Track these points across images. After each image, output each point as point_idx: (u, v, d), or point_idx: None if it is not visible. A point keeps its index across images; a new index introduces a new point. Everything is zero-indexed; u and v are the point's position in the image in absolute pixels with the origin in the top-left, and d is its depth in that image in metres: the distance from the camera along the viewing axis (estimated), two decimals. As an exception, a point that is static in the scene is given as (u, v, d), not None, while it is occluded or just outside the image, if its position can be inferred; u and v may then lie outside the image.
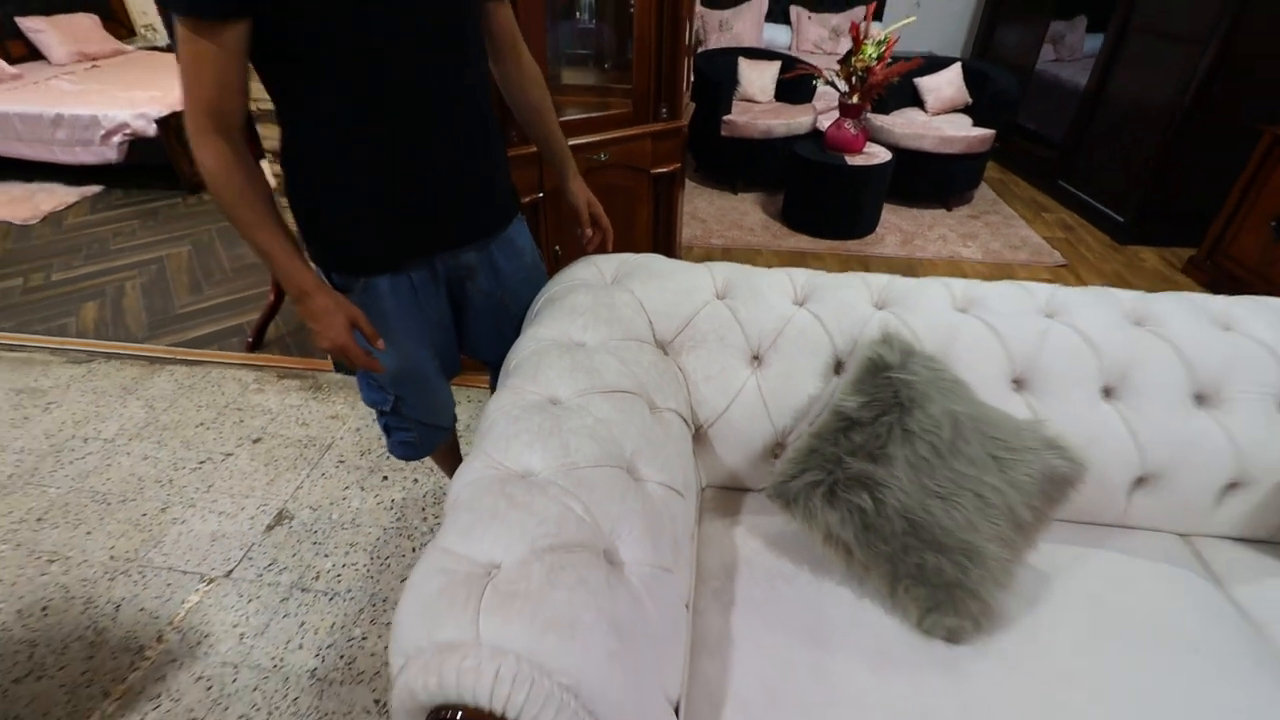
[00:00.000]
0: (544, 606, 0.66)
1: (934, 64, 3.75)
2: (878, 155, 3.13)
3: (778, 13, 5.19)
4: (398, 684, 0.66)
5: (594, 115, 1.99)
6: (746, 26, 4.94)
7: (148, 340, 2.42)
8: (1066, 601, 0.96)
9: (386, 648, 1.30)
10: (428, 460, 1.71)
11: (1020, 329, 1.08)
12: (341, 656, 1.37)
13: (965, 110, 3.64)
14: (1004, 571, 0.88)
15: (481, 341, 1.26)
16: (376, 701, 1.29)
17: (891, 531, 0.89)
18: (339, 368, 1.77)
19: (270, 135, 1.90)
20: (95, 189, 3.72)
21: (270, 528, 1.66)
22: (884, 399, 0.92)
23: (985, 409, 0.95)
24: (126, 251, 3.06)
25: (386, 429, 1.32)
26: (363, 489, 1.78)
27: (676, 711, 0.78)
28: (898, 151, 3.29)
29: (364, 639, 1.40)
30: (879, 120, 3.52)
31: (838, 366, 1.10)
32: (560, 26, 2.34)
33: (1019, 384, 1.07)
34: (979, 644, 0.89)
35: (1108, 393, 1.06)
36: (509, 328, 1.19)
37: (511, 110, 1.19)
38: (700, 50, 4.25)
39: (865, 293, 1.15)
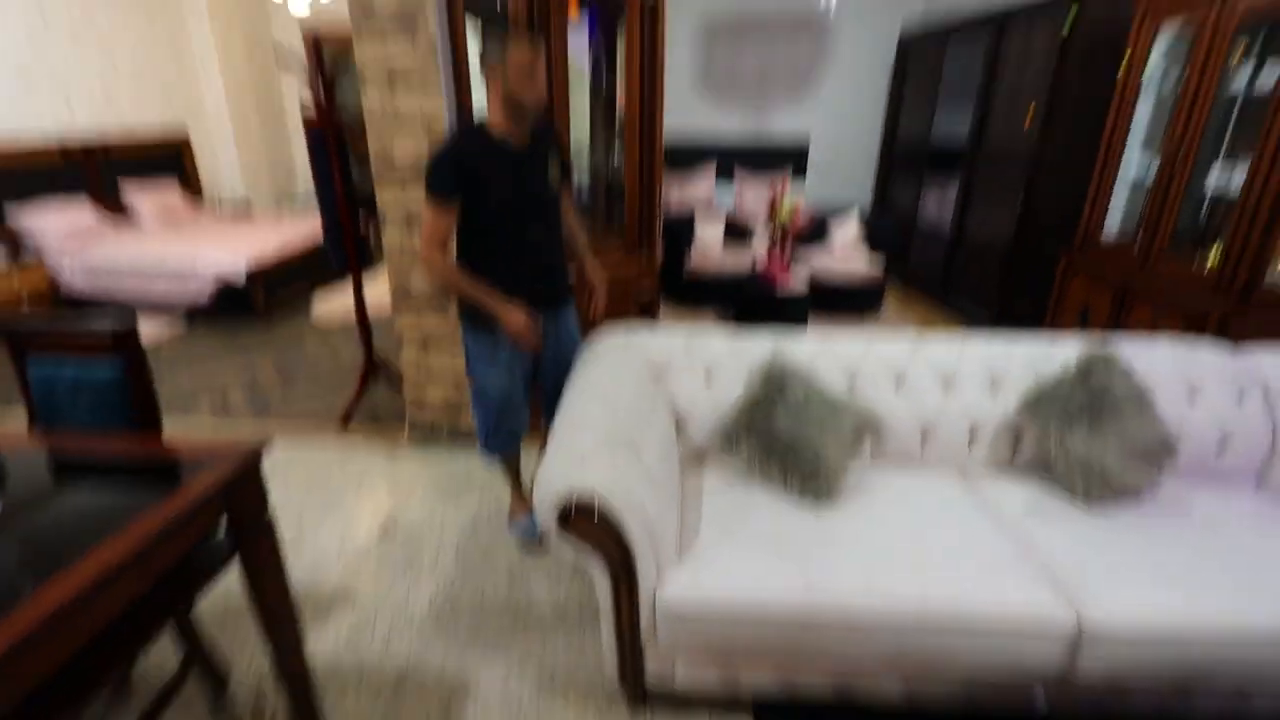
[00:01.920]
0: (613, 463, 1.46)
1: (841, 213, 5.01)
2: (799, 286, 4.21)
3: (725, 171, 6.60)
4: (545, 494, 1.43)
5: (597, 252, 2.99)
6: (700, 187, 6.31)
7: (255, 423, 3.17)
8: (885, 489, 1.78)
9: (471, 603, 2.00)
10: (486, 489, 2.47)
11: (850, 353, 1.97)
12: (446, 601, 2.04)
13: (862, 248, 4.84)
14: (839, 463, 1.70)
15: (547, 376, 2.11)
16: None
17: (779, 446, 1.71)
18: (412, 437, 2.60)
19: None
20: (180, 322, 4.58)
21: (381, 536, 2.36)
22: (771, 383, 1.79)
23: (824, 390, 1.82)
24: (221, 369, 3.85)
25: (486, 437, 2.12)
26: (443, 506, 2.50)
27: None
28: (817, 279, 4.40)
29: (458, 594, 2.08)
30: (801, 254, 4.68)
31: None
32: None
33: (851, 384, 1.95)
34: (831, 504, 1.69)
35: (898, 386, 1.94)
36: (565, 369, 2.04)
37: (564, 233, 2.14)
38: (668, 214, 5.52)
39: (766, 346, 2.04)
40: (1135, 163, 3.40)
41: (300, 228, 5.29)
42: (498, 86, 1.77)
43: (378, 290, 3.33)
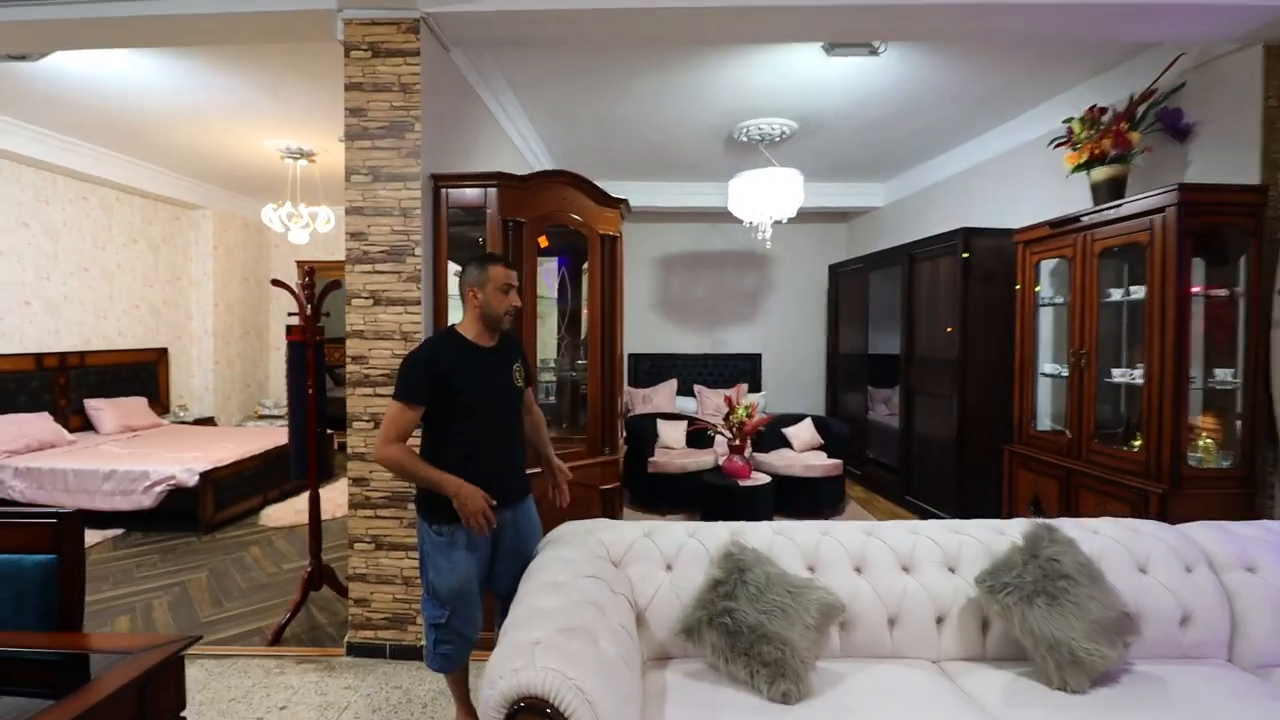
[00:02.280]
0: (564, 653, 1.39)
1: (796, 419, 5.29)
2: (761, 479, 4.29)
3: (686, 389, 7.03)
4: (491, 694, 1.33)
5: (562, 452, 3.07)
6: (663, 399, 6.66)
7: (178, 643, 2.86)
8: (859, 684, 1.67)
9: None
10: (428, 708, 2.22)
11: (808, 539, 1.99)
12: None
13: (820, 448, 5.04)
14: (808, 653, 1.62)
15: (502, 574, 2.03)
16: None
17: (744, 637, 1.64)
18: (350, 650, 2.42)
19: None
20: (116, 531, 4.32)
21: (302, 766, 2.05)
22: (731, 568, 1.77)
23: (785, 573, 1.80)
24: (151, 578, 3.58)
25: (434, 643, 1.97)
26: (376, 735, 2.21)
27: (634, 734, 1.41)
28: (778, 478, 4.50)
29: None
30: (762, 457, 4.83)
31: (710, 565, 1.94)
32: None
33: (811, 569, 1.93)
34: (802, 702, 1.57)
35: (858, 570, 1.93)
36: (522, 565, 1.98)
37: (527, 430, 2.21)
38: (630, 414, 5.75)
39: (725, 533, 2.05)
40: (1050, 362, 3.78)
41: (260, 439, 5.29)
42: (475, 300, 2.00)
43: (331, 498, 3.28)
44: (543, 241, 3.01)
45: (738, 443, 4.23)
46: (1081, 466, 3.28)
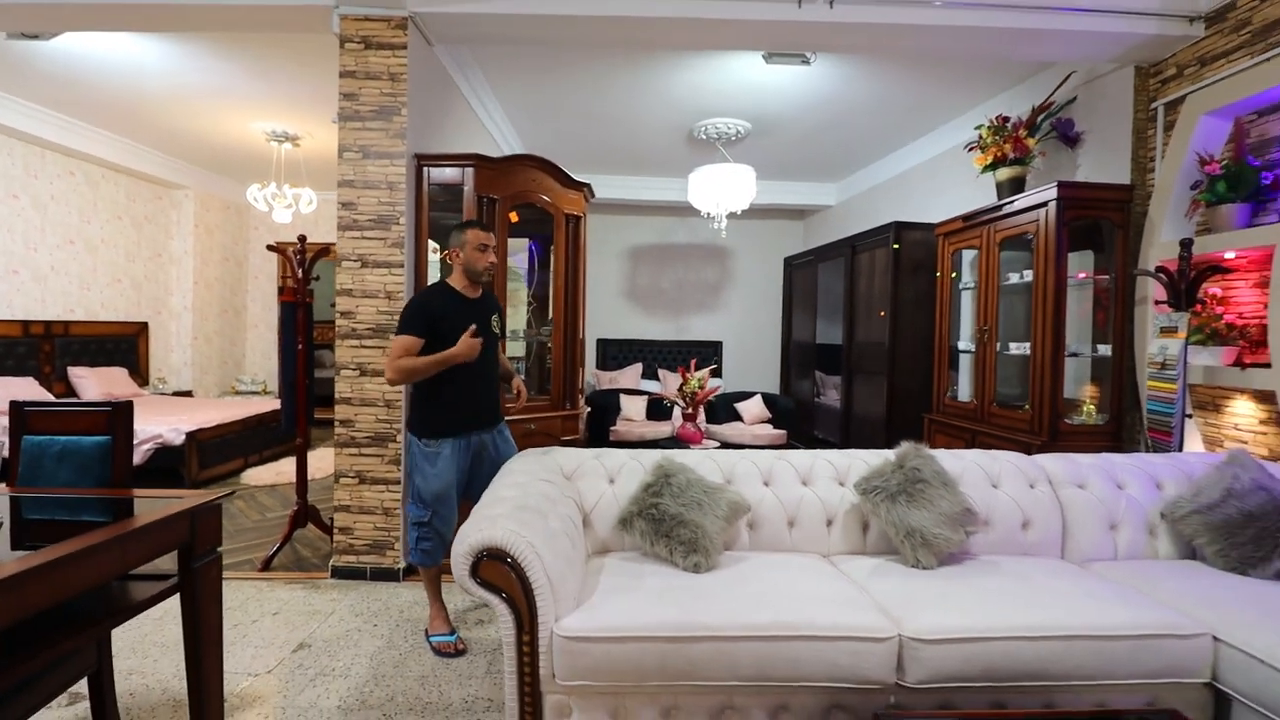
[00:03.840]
0: (519, 520, 1.78)
1: (747, 395, 5.73)
2: (712, 445, 4.72)
3: (651, 373, 7.44)
4: (461, 547, 1.71)
5: (528, 405, 3.45)
6: (628, 381, 7.06)
7: (174, 570, 3.17)
8: (757, 563, 2.08)
9: (380, 700, 2.08)
10: (404, 612, 2.59)
11: (728, 459, 2.41)
12: (356, 700, 2.08)
13: (768, 421, 5.49)
14: (717, 537, 2.04)
15: (479, 485, 2.42)
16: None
17: (666, 523, 2.05)
18: (334, 573, 2.79)
19: (331, 415, 3.17)
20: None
21: (296, 650, 2.39)
22: (660, 474, 2.18)
23: (704, 479, 2.21)
24: (143, 524, 3.86)
25: (416, 540, 2.35)
26: (359, 631, 2.56)
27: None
28: (729, 445, 4.92)
29: (368, 696, 2.13)
30: (715, 428, 5.26)
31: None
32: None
33: (729, 480, 2.35)
34: (711, 571, 1.98)
35: (766, 483, 2.36)
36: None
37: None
38: (595, 389, 6.14)
39: (659, 456, 2.46)
40: (966, 340, 4.28)
41: (242, 408, 5.55)
42: (458, 259, 2.46)
43: (311, 462, 3.59)
44: (513, 217, 3.39)
45: (690, 411, 4.64)
46: (984, 428, 3.77)
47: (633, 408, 5.54)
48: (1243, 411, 2.90)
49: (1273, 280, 2.66)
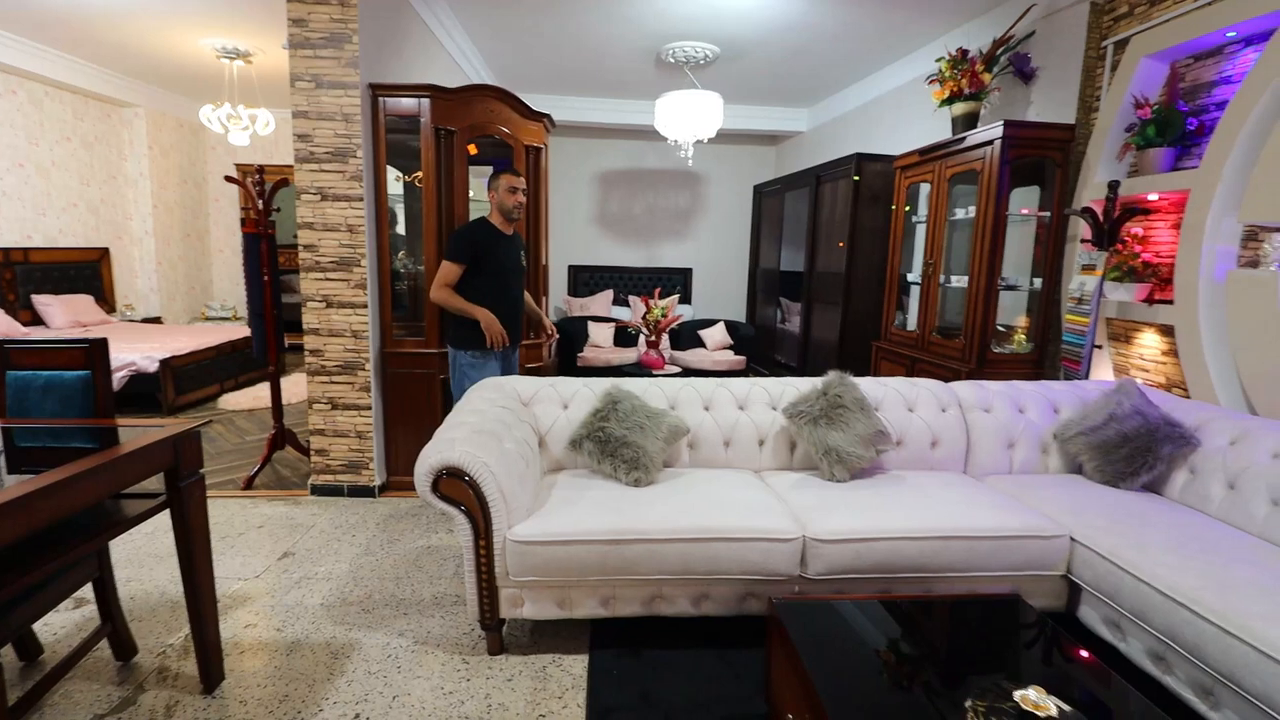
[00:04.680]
0: (476, 443, 1.99)
1: (711, 323, 5.94)
2: (673, 370, 4.96)
3: (622, 300, 7.58)
4: (423, 467, 1.93)
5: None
6: (599, 308, 7.20)
7: (161, 489, 3.38)
8: (694, 477, 2.35)
9: (360, 598, 2.34)
10: (381, 524, 2.86)
11: (672, 387, 2.63)
12: (337, 599, 2.36)
13: (729, 348, 5.73)
14: (658, 455, 2.28)
15: None
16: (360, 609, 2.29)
17: (611, 444, 2.28)
18: (314, 491, 3.04)
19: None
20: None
21: (281, 558, 2.65)
22: (608, 401, 2.39)
23: (648, 405, 2.44)
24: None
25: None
26: (339, 541, 2.83)
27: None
28: (691, 370, 5.17)
29: (348, 594, 2.40)
30: (679, 354, 5.49)
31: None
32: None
33: (672, 406, 2.58)
34: (651, 485, 2.24)
35: (706, 408, 2.59)
36: None
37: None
38: (565, 316, 6.30)
39: (610, 384, 2.67)
40: (917, 275, 4.47)
41: (215, 334, 5.62)
42: (494, 199, 2.92)
43: (286, 388, 3.73)
44: (472, 149, 3.42)
45: (654, 338, 4.85)
46: (923, 356, 4.03)
47: (600, 334, 5.73)
48: (1149, 343, 3.17)
49: (1184, 223, 2.86)
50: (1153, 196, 3.10)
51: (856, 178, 4.89)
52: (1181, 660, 1.65)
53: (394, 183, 3.77)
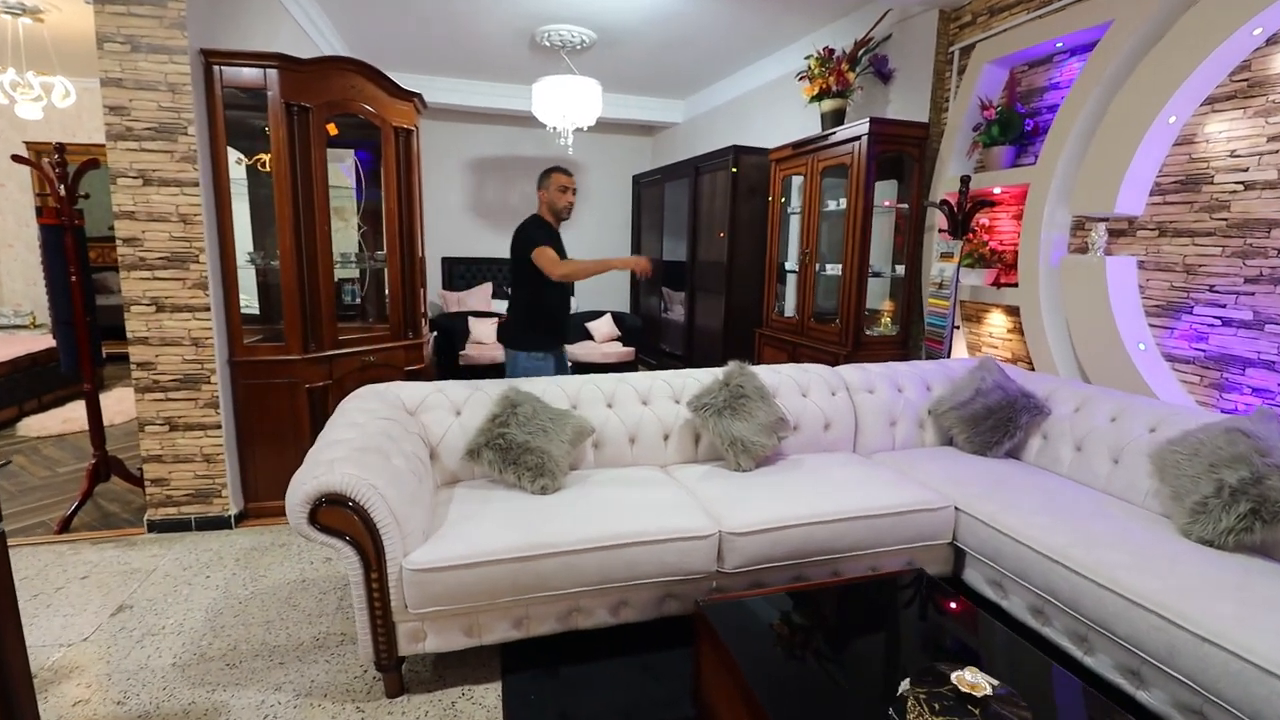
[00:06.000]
0: (359, 463, 1.76)
1: (598, 314, 5.86)
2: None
3: (503, 293, 7.27)
4: (296, 497, 1.67)
5: (367, 336, 3.28)
6: (478, 301, 6.86)
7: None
8: (601, 478, 2.25)
9: (222, 651, 2.02)
10: (241, 560, 2.48)
11: (573, 385, 2.51)
12: (194, 655, 2.01)
13: (617, 339, 5.69)
14: (563, 459, 2.16)
15: None
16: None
17: (513, 451, 2.13)
18: (152, 528, 2.66)
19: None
20: None
21: (115, 613, 2.22)
22: (506, 405, 2.23)
23: (550, 406, 2.31)
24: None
25: None
26: (189, 585, 2.42)
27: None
28: (580, 364, 5.06)
29: (209, 648, 2.06)
30: (567, 347, 5.34)
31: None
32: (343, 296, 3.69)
33: (574, 405, 2.47)
34: (555, 493, 2.12)
35: (609, 405, 2.51)
36: None
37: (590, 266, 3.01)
38: (443, 313, 5.92)
39: (505, 386, 2.50)
40: (793, 263, 4.66)
41: (6, 347, 4.66)
42: (545, 198, 2.97)
43: (107, 405, 3.17)
44: (331, 129, 3.06)
45: (541, 334, 4.68)
46: (803, 340, 4.22)
47: (483, 330, 5.45)
48: (997, 323, 3.52)
49: (1025, 214, 3.18)
50: (998, 190, 3.43)
51: (735, 169, 5.01)
52: (1059, 612, 1.82)
53: (239, 166, 3.30)
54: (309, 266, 3.00)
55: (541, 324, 2.97)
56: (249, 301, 3.49)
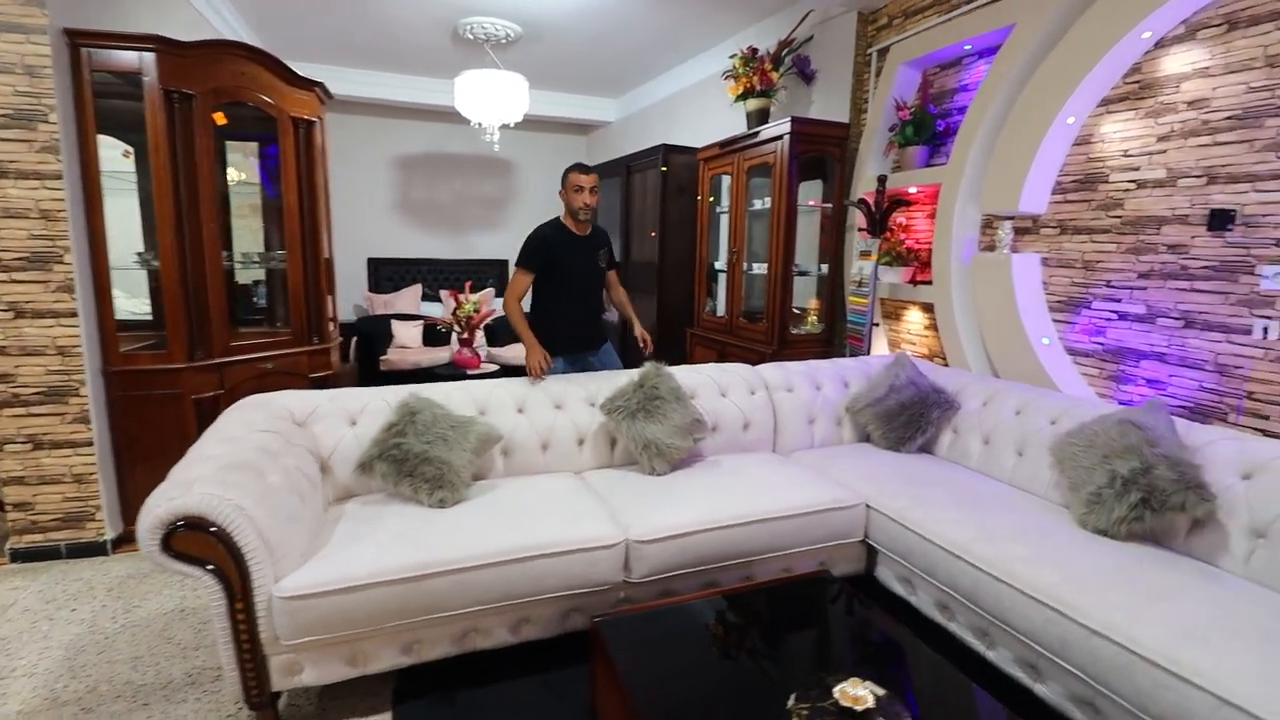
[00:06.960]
0: (223, 482, 1.59)
1: (529, 317, 5.70)
2: (491, 369, 4.67)
3: (433, 295, 7.02)
4: (147, 521, 1.50)
5: (269, 340, 3.06)
6: (406, 304, 6.59)
7: None
8: (510, 488, 2.14)
9: (79, 694, 1.82)
10: (114, 589, 2.25)
11: (481, 390, 2.39)
12: (44, 700, 1.80)
13: (551, 341, 5.56)
14: (464, 470, 2.04)
15: None
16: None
17: (410, 462, 1.99)
18: (15, 558, 2.31)
19: None
20: None
21: (-47, 658, 1.97)
22: (404, 412, 2.09)
23: (452, 413, 2.18)
24: None
25: None
26: (51, 621, 2.18)
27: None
28: (508, 368, 4.90)
29: (63, 691, 1.85)
30: (497, 351, 5.18)
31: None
32: (242, 299, 3.45)
33: (482, 412, 2.35)
34: (455, 505, 2.00)
35: (520, 411, 2.40)
36: None
37: (616, 301, 3.09)
38: (366, 315, 5.66)
39: (406, 393, 2.36)
40: (723, 263, 4.64)
41: None
42: (563, 198, 2.80)
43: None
44: (219, 118, 2.83)
45: (466, 335, 4.51)
46: (732, 340, 4.20)
47: (406, 334, 5.22)
48: (914, 320, 3.58)
49: (938, 212, 3.24)
50: (913, 189, 3.49)
51: (664, 168, 4.96)
52: (962, 608, 1.82)
53: (122, 159, 3.03)
54: (194, 266, 2.77)
55: (542, 329, 2.74)
56: (140, 306, 3.23)
